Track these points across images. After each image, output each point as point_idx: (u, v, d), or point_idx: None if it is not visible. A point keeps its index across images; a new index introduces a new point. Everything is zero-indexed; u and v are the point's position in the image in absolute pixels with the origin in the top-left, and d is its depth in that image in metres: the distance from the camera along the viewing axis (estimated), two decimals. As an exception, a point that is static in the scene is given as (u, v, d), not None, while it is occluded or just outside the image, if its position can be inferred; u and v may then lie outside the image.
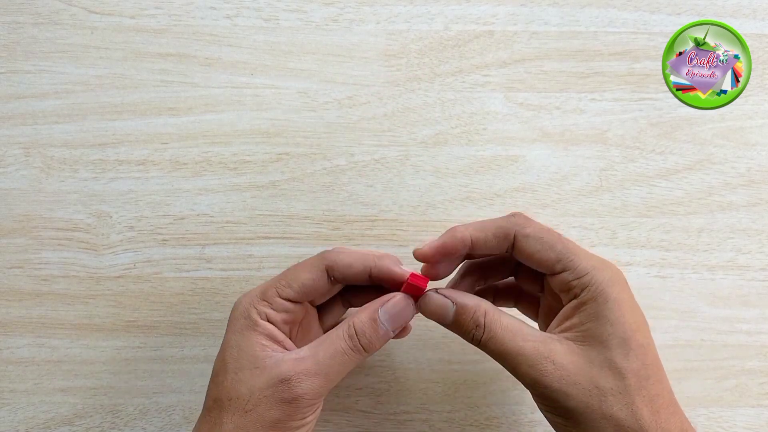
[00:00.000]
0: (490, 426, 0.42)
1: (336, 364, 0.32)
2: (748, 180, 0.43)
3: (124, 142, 0.42)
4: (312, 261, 0.34)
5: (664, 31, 0.43)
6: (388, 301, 0.34)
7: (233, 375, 0.32)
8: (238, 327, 0.33)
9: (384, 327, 0.33)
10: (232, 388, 0.32)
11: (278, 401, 0.31)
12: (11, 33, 0.42)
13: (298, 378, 0.31)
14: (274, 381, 0.31)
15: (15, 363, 0.42)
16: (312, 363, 0.32)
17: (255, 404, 0.31)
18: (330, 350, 0.32)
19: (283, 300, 0.34)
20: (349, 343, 0.33)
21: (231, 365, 0.32)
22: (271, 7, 0.42)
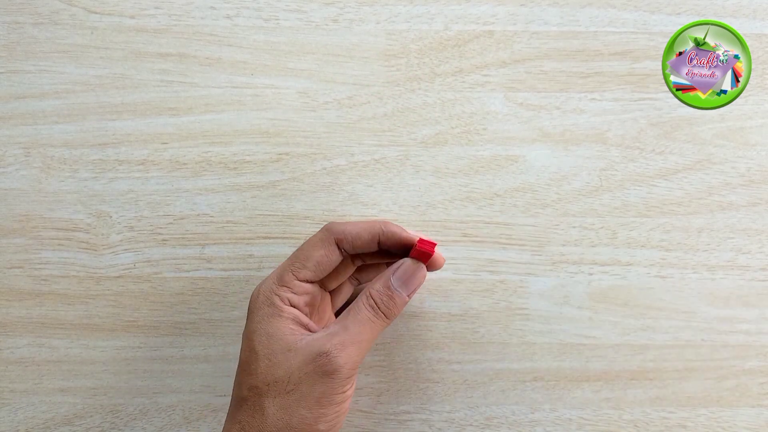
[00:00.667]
0: (490, 426, 0.42)
1: (365, 332, 0.33)
2: (748, 180, 0.43)
3: (124, 142, 0.42)
4: (320, 236, 0.35)
5: (664, 31, 0.43)
6: (399, 268, 0.35)
7: (266, 361, 0.33)
8: (263, 315, 0.34)
9: (399, 292, 0.35)
10: (268, 373, 0.33)
11: (320, 375, 0.32)
12: (11, 33, 0.42)
13: (336, 349, 0.32)
14: (312, 356, 0.32)
15: (15, 363, 0.42)
16: (345, 335, 0.33)
17: (296, 383, 0.32)
18: (356, 321, 0.33)
19: (301, 282, 0.34)
20: (371, 312, 0.34)
21: (262, 352, 0.33)
22: (271, 7, 0.42)
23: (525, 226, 0.42)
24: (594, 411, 0.42)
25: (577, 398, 0.42)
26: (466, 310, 0.43)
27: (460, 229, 0.42)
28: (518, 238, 0.42)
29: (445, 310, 0.42)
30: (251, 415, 0.33)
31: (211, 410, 0.42)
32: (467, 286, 0.42)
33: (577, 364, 0.42)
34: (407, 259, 0.35)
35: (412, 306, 0.42)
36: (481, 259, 0.42)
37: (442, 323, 0.43)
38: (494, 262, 0.42)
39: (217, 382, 0.42)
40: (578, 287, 0.42)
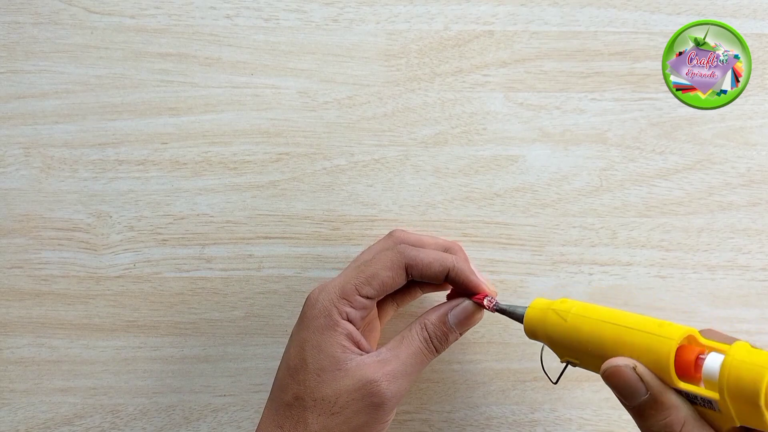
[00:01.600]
0: (490, 426, 0.42)
1: (416, 364, 0.33)
2: (748, 180, 0.43)
3: (124, 142, 0.42)
4: (391, 257, 0.34)
5: (664, 31, 0.43)
6: (458, 306, 0.35)
7: (315, 375, 0.32)
8: (318, 326, 0.33)
9: (453, 330, 0.35)
10: (316, 388, 0.32)
11: (366, 405, 0.32)
12: (11, 33, 0.42)
13: (386, 380, 0.32)
14: (361, 384, 0.32)
15: (15, 363, 0.42)
16: (396, 364, 0.33)
17: (342, 407, 0.32)
18: (409, 351, 0.33)
19: (363, 298, 0.34)
20: (425, 345, 0.34)
21: (312, 365, 0.33)
22: (271, 7, 0.42)
23: (525, 226, 0.42)
24: (594, 411, 0.42)
25: (577, 398, 0.42)
26: (466, 310, 0.42)
27: (460, 229, 0.42)
28: (518, 238, 0.42)
29: (445, 310, 0.42)
30: (294, 425, 0.32)
31: (211, 410, 0.42)
32: (467, 286, 0.42)
33: (577, 364, 0.42)
34: (469, 301, 0.35)
35: (413, 306, 0.42)
36: (481, 259, 0.42)
37: (442, 323, 0.43)
38: (494, 262, 0.42)
39: (217, 382, 0.42)
40: (578, 287, 0.42)
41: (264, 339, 0.42)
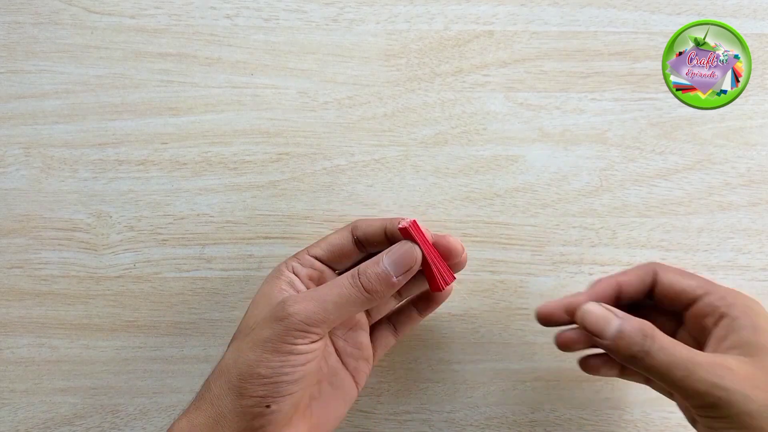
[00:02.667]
0: (490, 426, 0.42)
1: (334, 295, 0.33)
2: (748, 180, 0.43)
3: (124, 142, 0.42)
4: (342, 227, 0.37)
5: (664, 31, 0.43)
6: (392, 248, 0.34)
7: (249, 312, 0.34)
8: (267, 279, 0.36)
9: (385, 269, 0.33)
10: (244, 322, 0.34)
11: (270, 320, 0.32)
12: (11, 33, 0.42)
13: (293, 299, 0.33)
14: (274, 305, 0.33)
15: (15, 363, 0.42)
16: (310, 292, 0.33)
17: (253, 327, 0.33)
18: (331, 283, 0.33)
19: (310, 256, 0.36)
20: (350, 281, 0.33)
21: (251, 306, 0.35)
22: (271, 7, 0.42)
23: (525, 226, 0.42)
24: (594, 411, 0.42)
25: (577, 398, 0.42)
26: (466, 310, 0.43)
27: (460, 229, 0.42)
28: (518, 238, 0.42)
29: (445, 310, 0.42)
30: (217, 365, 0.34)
31: (211, 410, 0.42)
32: (467, 286, 0.42)
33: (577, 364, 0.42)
34: (406, 243, 0.34)
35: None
36: (481, 259, 0.42)
37: (442, 323, 0.43)
38: (494, 262, 0.42)
39: (217, 382, 0.42)
40: (578, 287, 0.42)
41: (264, 339, 0.42)
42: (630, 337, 0.31)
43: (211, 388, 0.33)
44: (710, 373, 0.30)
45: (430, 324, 0.43)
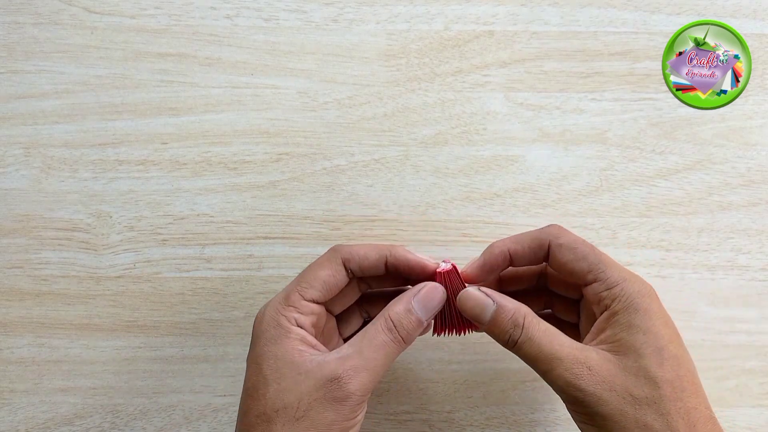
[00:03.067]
0: (490, 426, 0.42)
1: (381, 357, 0.32)
2: (748, 180, 0.43)
3: (124, 142, 0.42)
4: (327, 257, 0.34)
5: (664, 31, 0.43)
6: (420, 291, 0.33)
7: (275, 386, 0.31)
8: (270, 337, 0.32)
9: (418, 315, 0.33)
10: (277, 399, 0.31)
11: (330, 402, 0.31)
12: (11, 33, 0.42)
13: (348, 375, 0.31)
14: (323, 382, 0.31)
15: (15, 363, 0.42)
16: (358, 359, 0.31)
17: (306, 409, 0.31)
18: (373, 344, 0.32)
19: (308, 302, 0.33)
20: (390, 335, 0.32)
21: (271, 377, 0.31)
22: (271, 7, 0.42)
23: (525, 226, 0.42)
24: (594, 411, 0.42)
25: (577, 398, 0.42)
26: (466, 310, 0.42)
27: (460, 229, 0.42)
28: (518, 238, 0.42)
29: (445, 310, 0.42)
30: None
31: (211, 410, 0.42)
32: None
33: (577, 364, 0.42)
34: (430, 283, 0.34)
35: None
36: (481, 259, 0.42)
37: (442, 323, 0.43)
38: (494, 262, 0.42)
39: (217, 382, 0.42)
40: (578, 287, 0.42)
41: (264, 339, 0.42)
42: (502, 324, 0.32)
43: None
44: (568, 371, 0.31)
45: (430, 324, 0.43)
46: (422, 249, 0.42)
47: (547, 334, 0.32)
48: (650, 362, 0.30)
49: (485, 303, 0.33)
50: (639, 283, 0.33)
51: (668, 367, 0.31)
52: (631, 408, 0.30)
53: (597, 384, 0.30)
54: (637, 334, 0.31)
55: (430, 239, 0.42)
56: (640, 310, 0.32)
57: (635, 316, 0.31)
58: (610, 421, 0.30)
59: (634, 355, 0.31)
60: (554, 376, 0.31)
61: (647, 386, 0.30)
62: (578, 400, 0.31)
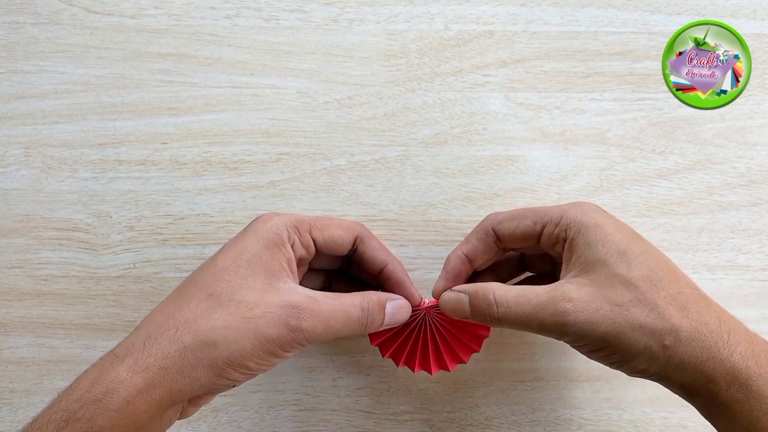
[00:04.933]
0: (490, 426, 0.42)
1: (341, 322, 0.33)
2: (748, 180, 0.43)
3: (124, 142, 0.42)
4: (348, 224, 0.36)
5: (664, 31, 0.43)
6: (396, 299, 0.36)
7: (243, 280, 0.32)
8: (265, 239, 0.33)
9: (385, 317, 0.35)
10: (238, 289, 0.32)
11: (282, 323, 0.31)
12: (11, 33, 0.42)
13: (308, 313, 0.32)
14: (286, 304, 0.32)
15: (15, 363, 0.42)
16: (325, 309, 0.32)
17: (258, 315, 0.31)
18: (343, 308, 0.33)
19: (310, 239, 0.35)
20: (359, 314, 0.34)
21: (243, 269, 0.32)
22: (271, 7, 0.42)
23: (525, 226, 0.42)
24: (594, 411, 0.42)
25: (577, 398, 0.42)
26: (466, 310, 0.43)
27: (460, 229, 0.42)
28: (518, 238, 0.42)
29: (445, 310, 0.42)
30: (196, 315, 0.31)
31: (211, 410, 0.42)
32: (467, 286, 0.42)
33: (577, 364, 0.42)
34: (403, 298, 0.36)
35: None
36: (481, 259, 0.42)
37: (442, 323, 0.43)
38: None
39: (217, 382, 0.42)
40: (578, 287, 0.42)
41: (264, 339, 0.42)
42: (480, 310, 0.33)
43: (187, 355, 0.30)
44: (554, 314, 0.31)
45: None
46: (422, 249, 0.42)
47: (520, 296, 0.33)
48: (619, 268, 0.31)
49: (459, 298, 0.34)
50: (578, 205, 0.34)
51: (637, 265, 0.31)
52: (621, 316, 0.31)
53: (582, 311, 0.31)
54: (597, 248, 0.32)
55: (430, 239, 0.42)
56: (590, 226, 0.33)
57: (588, 232, 0.33)
58: (609, 338, 0.31)
59: (601, 268, 0.32)
60: (546, 327, 0.32)
61: (626, 290, 0.31)
62: (576, 334, 0.31)
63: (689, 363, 0.30)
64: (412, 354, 0.38)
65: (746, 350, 0.30)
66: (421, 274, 0.42)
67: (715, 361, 0.30)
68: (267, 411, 0.42)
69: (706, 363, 0.30)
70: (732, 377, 0.29)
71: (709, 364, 0.30)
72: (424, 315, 0.37)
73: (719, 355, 0.30)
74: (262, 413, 0.42)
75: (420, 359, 0.38)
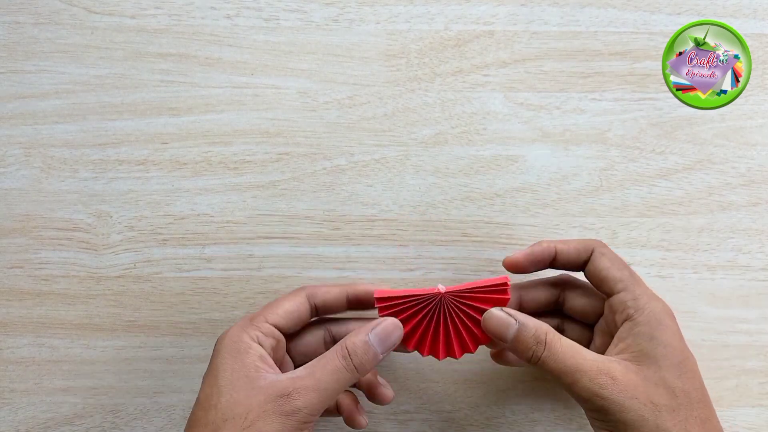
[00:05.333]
0: (490, 426, 0.43)
1: (332, 382, 0.33)
2: (748, 180, 0.43)
3: (125, 142, 0.42)
4: (293, 292, 0.37)
5: (664, 31, 0.43)
6: (378, 325, 0.35)
7: (228, 396, 0.32)
8: (230, 351, 0.34)
9: (374, 348, 0.34)
10: (228, 408, 0.32)
11: (278, 415, 0.32)
12: (11, 33, 0.42)
13: (297, 392, 0.32)
14: (273, 397, 0.32)
15: (15, 363, 0.42)
16: (310, 380, 0.33)
17: (253, 420, 0.32)
18: (326, 368, 0.33)
19: (270, 325, 0.35)
20: (344, 362, 0.34)
21: (225, 388, 0.33)
22: (271, 7, 0.42)
23: (525, 226, 0.42)
24: (594, 411, 0.42)
25: (577, 398, 0.42)
26: (466, 310, 0.43)
27: (460, 229, 0.42)
28: (518, 238, 0.42)
29: (445, 310, 0.42)
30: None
31: (211, 410, 0.42)
32: (467, 286, 0.42)
33: (577, 364, 0.42)
34: (389, 318, 0.35)
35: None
36: (481, 259, 0.42)
37: (442, 323, 0.43)
38: (494, 262, 0.42)
39: (218, 382, 0.42)
40: (578, 287, 0.42)
41: (264, 339, 0.42)
42: (525, 341, 0.34)
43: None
44: (593, 382, 0.32)
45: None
46: (422, 249, 0.42)
47: (569, 348, 0.33)
48: (670, 373, 0.33)
49: (508, 322, 0.34)
50: (662, 302, 0.36)
51: (686, 379, 0.33)
52: (652, 415, 0.32)
53: (620, 392, 0.32)
54: (658, 347, 0.33)
55: (430, 239, 0.42)
56: (662, 324, 0.34)
57: (656, 329, 0.34)
58: (631, 428, 0.32)
59: (654, 366, 0.33)
60: (579, 388, 0.32)
61: (667, 395, 0.32)
62: (603, 409, 0.32)
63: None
64: (435, 341, 0.37)
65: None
66: (421, 274, 0.42)
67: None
68: (267, 411, 0.43)
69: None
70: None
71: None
72: (440, 299, 0.36)
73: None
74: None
75: (443, 346, 0.37)
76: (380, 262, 0.42)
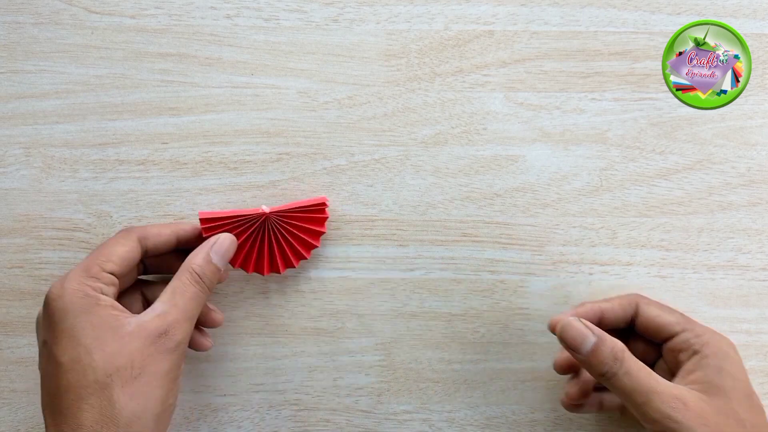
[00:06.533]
0: (490, 426, 0.43)
1: (195, 307, 0.35)
2: (748, 180, 0.43)
3: (125, 142, 0.42)
4: (122, 235, 0.37)
5: (664, 31, 0.43)
6: (216, 242, 0.37)
7: (101, 352, 0.32)
8: (79, 308, 0.33)
9: (217, 265, 0.37)
10: (107, 364, 0.32)
11: (163, 353, 0.33)
12: (11, 33, 0.42)
13: (172, 327, 0.33)
14: (152, 338, 0.33)
15: (15, 363, 0.42)
16: (177, 312, 0.34)
17: (142, 366, 0.32)
18: (186, 296, 0.35)
19: (108, 274, 0.35)
20: (198, 287, 0.35)
21: (93, 345, 0.32)
22: (271, 7, 0.42)
23: (525, 226, 0.42)
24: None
25: (577, 398, 0.42)
26: (466, 310, 0.43)
27: (460, 229, 0.42)
28: (518, 238, 0.42)
29: (446, 309, 0.42)
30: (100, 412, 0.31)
31: (211, 410, 0.42)
32: (467, 286, 0.42)
33: (577, 364, 0.42)
34: (223, 234, 0.38)
35: (413, 305, 0.42)
36: (481, 259, 0.42)
37: (442, 323, 0.43)
38: (494, 262, 0.42)
39: (217, 382, 0.42)
40: (578, 287, 0.42)
41: (264, 339, 0.42)
42: (602, 356, 0.34)
43: None
44: (665, 404, 0.33)
45: (430, 324, 0.43)
46: (422, 249, 0.42)
47: (643, 369, 0.34)
48: (739, 406, 0.34)
49: (585, 335, 0.34)
50: (725, 337, 0.37)
51: (754, 412, 0.34)
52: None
53: (692, 419, 0.33)
54: (727, 379, 0.34)
55: (430, 239, 0.42)
56: (729, 357, 0.35)
57: (725, 361, 0.35)
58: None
59: (724, 397, 0.34)
60: (651, 408, 0.33)
61: (736, 426, 0.33)
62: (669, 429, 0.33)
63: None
64: (260, 259, 0.40)
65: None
66: (421, 274, 0.42)
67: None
68: (267, 411, 0.43)
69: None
70: None
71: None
72: (265, 220, 0.39)
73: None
74: (262, 413, 0.42)
75: (267, 263, 0.40)
76: (380, 262, 0.42)
